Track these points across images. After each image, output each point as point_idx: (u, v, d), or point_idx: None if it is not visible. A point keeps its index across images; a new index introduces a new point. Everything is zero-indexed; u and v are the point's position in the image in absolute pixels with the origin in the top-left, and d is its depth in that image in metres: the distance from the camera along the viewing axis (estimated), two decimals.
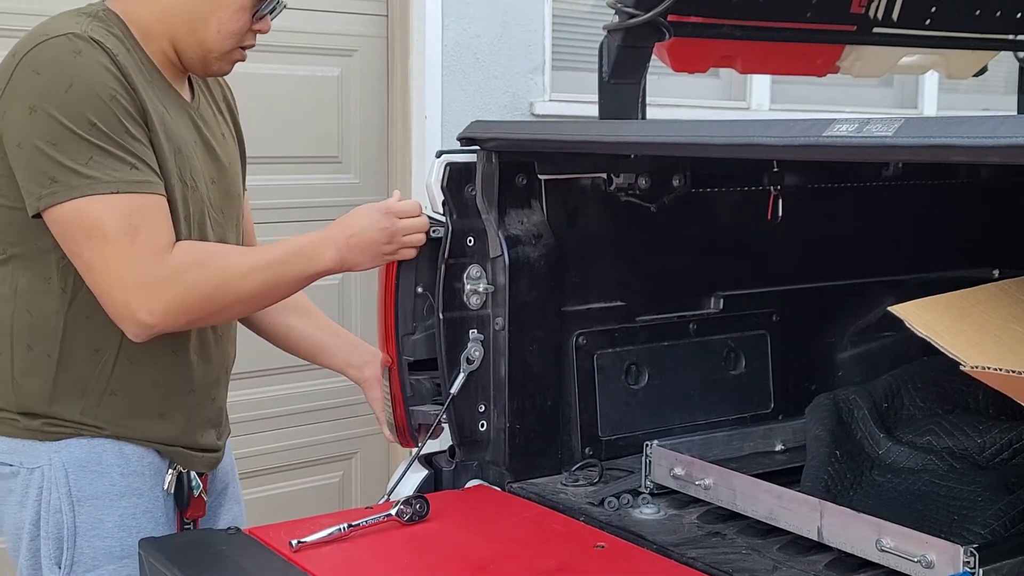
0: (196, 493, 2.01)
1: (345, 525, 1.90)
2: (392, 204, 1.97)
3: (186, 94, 1.97)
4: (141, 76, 1.83)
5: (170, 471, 1.97)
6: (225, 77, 2.07)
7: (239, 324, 2.15)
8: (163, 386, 1.92)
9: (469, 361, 2.23)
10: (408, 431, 2.13)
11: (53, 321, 1.84)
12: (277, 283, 1.87)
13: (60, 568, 1.88)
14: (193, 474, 2.00)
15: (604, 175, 2.35)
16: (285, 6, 1.96)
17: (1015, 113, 3.42)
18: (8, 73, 1.77)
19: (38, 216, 1.76)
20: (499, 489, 2.23)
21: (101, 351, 1.85)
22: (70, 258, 1.78)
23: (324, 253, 1.89)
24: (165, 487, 1.96)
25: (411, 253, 2.00)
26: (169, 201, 1.82)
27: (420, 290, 2.07)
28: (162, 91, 1.88)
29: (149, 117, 1.80)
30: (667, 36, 2.58)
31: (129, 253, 1.73)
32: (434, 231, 2.07)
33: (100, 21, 1.83)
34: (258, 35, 1.96)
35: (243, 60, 1.99)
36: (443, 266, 2.20)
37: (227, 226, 2.02)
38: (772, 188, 2.50)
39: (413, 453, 2.31)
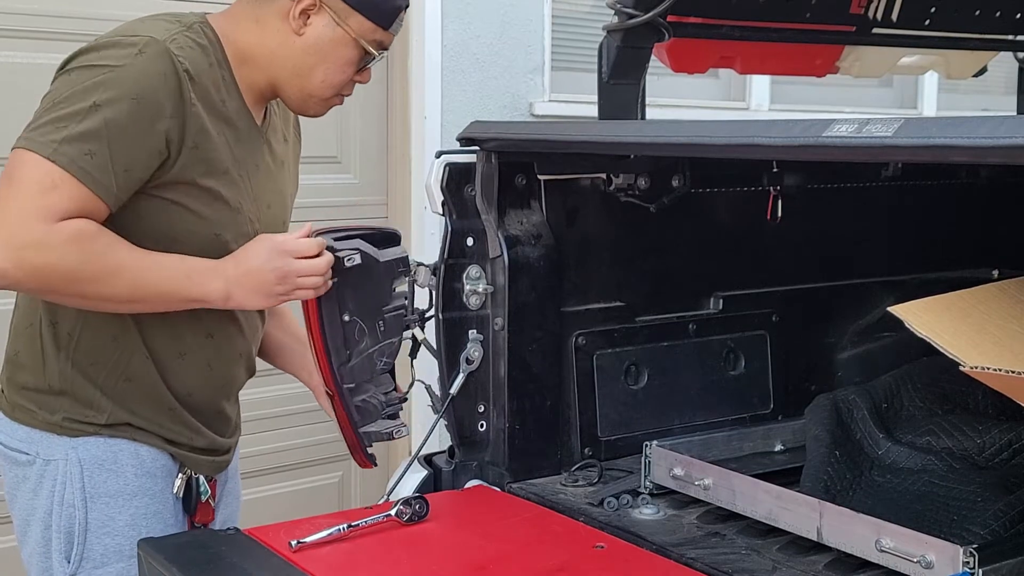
0: (204, 498, 2.02)
1: (345, 525, 1.90)
2: (288, 242, 1.87)
3: (259, 117, 1.98)
4: (215, 94, 1.85)
5: (180, 475, 1.99)
6: None
7: None
8: (169, 384, 1.94)
9: (468, 361, 2.23)
10: (363, 453, 2.05)
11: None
12: (148, 295, 1.82)
13: (69, 563, 1.91)
14: (202, 479, 2.02)
15: (603, 175, 2.35)
16: (385, 55, 1.98)
17: (1015, 113, 3.42)
18: (84, 47, 1.82)
19: None
20: (498, 489, 2.23)
21: (119, 339, 1.88)
22: None
23: (211, 283, 1.84)
24: (174, 491, 1.98)
25: (307, 294, 1.89)
26: (201, 215, 1.85)
27: (347, 318, 1.94)
28: (234, 112, 1.90)
29: (190, 135, 1.80)
30: (666, 36, 2.58)
31: (25, 204, 1.70)
32: (348, 259, 1.91)
33: (191, 31, 1.85)
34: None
35: (340, 104, 2.01)
36: (443, 266, 2.20)
37: None
38: (772, 188, 2.50)
39: (413, 453, 2.31)
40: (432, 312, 2.17)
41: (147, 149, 1.77)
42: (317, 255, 1.87)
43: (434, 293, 2.21)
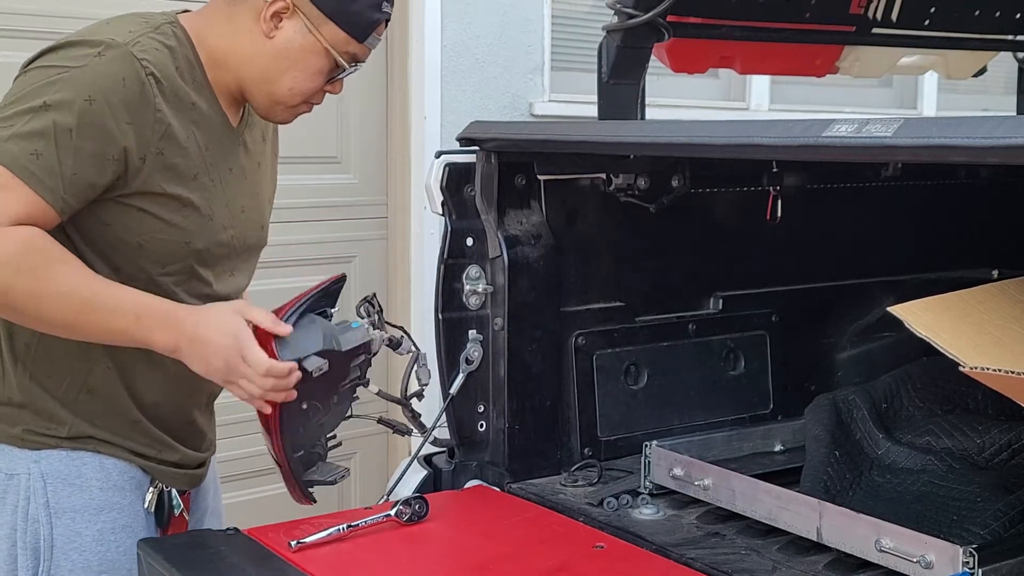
0: (177, 512, 1.97)
1: (344, 526, 1.90)
2: (248, 348, 1.76)
3: (235, 119, 1.93)
4: (184, 96, 1.80)
5: (151, 488, 1.93)
6: None
7: None
8: (134, 394, 1.88)
9: (468, 361, 2.23)
10: (304, 496, 1.96)
11: None
12: (90, 327, 1.75)
13: None
14: (175, 492, 1.97)
15: (603, 175, 2.35)
16: (360, 68, 1.93)
17: (1015, 113, 3.42)
18: (45, 48, 1.77)
19: None
20: (498, 489, 2.23)
21: (79, 350, 1.82)
22: None
23: (159, 334, 1.76)
24: (145, 505, 1.92)
25: (243, 395, 1.80)
26: (170, 221, 1.80)
27: (305, 406, 1.86)
28: (205, 114, 1.85)
29: (154, 140, 1.75)
30: (666, 36, 2.59)
31: None
32: (317, 371, 1.81)
33: (161, 33, 1.80)
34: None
35: (309, 112, 1.96)
36: (442, 266, 2.21)
37: (247, 257, 1.99)
38: (771, 188, 2.50)
39: (412, 453, 2.31)
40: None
41: (99, 154, 1.71)
42: (262, 377, 1.77)
43: (434, 295, 2.22)
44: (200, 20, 1.88)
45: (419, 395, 2.15)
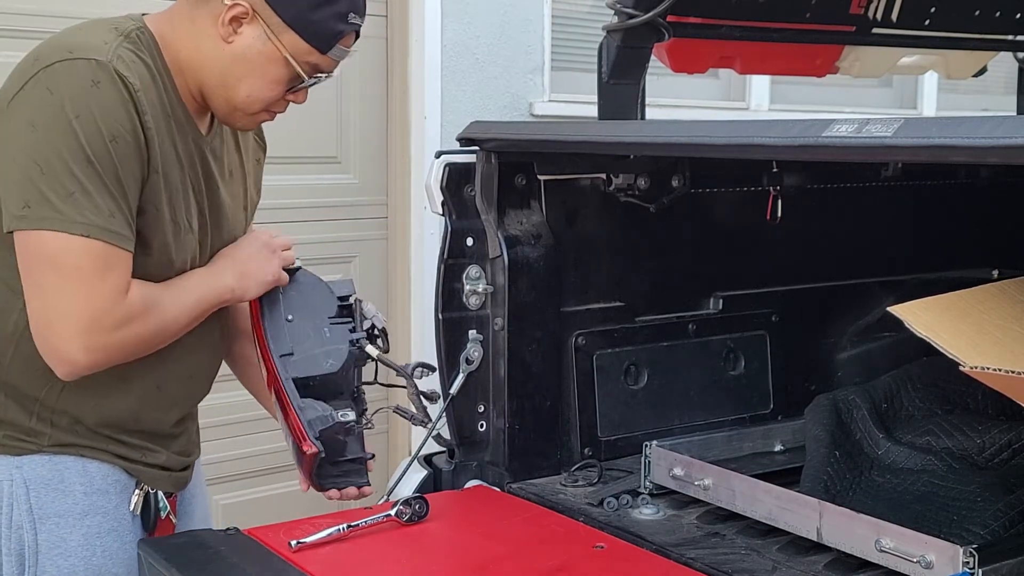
0: (163, 515, 1.95)
1: (344, 525, 1.90)
2: (268, 228, 1.99)
3: (204, 126, 1.91)
4: (161, 107, 1.79)
5: (137, 491, 1.91)
6: None
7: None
8: (114, 407, 1.86)
9: (468, 362, 2.23)
10: (307, 435, 1.89)
11: (10, 330, 1.80)
12: (196, 318, 1.87)
13: None
14: (161, 495, 1.94)
15: (603, 175, 2.35)
16: (327, 79, 1.91)
17: (1015, 113, 3.42)
18: (23, 80, 1.71)
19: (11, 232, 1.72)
20: (498, 489, 2.23)
21: (44, 374, 1.79)
22: (23, 279, 1.73)
23: (223, 281, 1.89)
24: (131, 507, 1.90)
25: (284, 278, 1.97)
26: (159, 244, 1.80)
27: (290, 317, 1.94)
28: (179, 123, 1.83)
29: (153, 159, 1.75)
30: (666, 36, 2.59)
31: (95, 290, 1.69)
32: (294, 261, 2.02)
33: (132, 43, 1.78)
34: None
35: (271, 120, 1.95)
36: (443, 266, 2.20)
37: None
38: (771, 188, 2.50)
39: (413, 453, 2.31)
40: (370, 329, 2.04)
41: (137, 179, 1.74)
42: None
43: (434, 295, 2.22)
44: (165, 24, 1.85)
45: (432, 397, 2.14)
